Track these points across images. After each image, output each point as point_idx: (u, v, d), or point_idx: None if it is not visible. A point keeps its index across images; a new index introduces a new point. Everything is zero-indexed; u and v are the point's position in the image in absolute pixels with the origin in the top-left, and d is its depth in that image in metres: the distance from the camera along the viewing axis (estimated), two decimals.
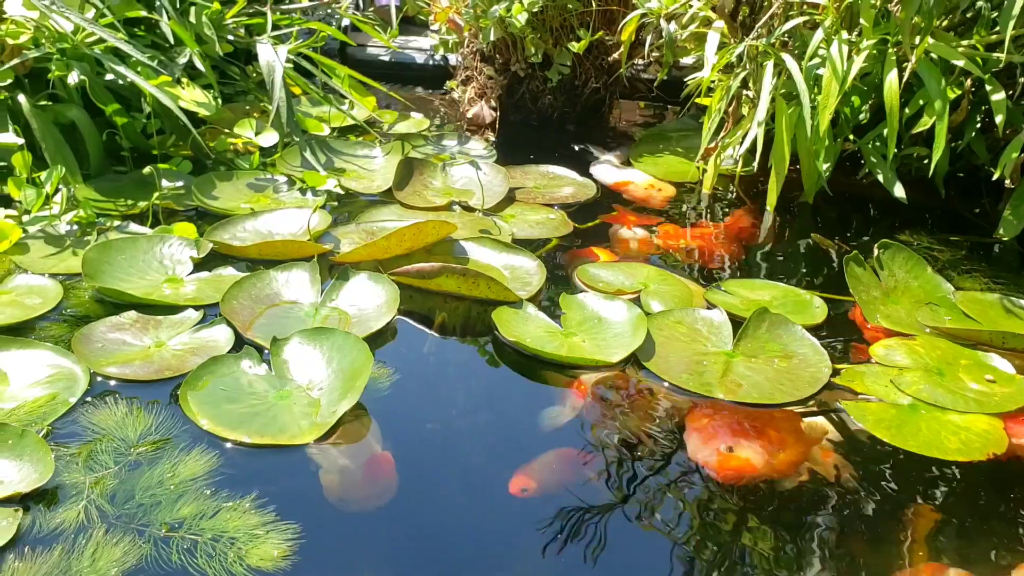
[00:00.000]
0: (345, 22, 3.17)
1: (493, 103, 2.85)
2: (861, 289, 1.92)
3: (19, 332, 1.64)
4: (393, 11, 3.23)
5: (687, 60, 2.96)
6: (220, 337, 1.66)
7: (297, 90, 2.74)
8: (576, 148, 2.73)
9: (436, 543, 1.27)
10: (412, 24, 3.55)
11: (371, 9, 3.29)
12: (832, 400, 1.59)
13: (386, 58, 3.27)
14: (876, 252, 2.01)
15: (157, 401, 1.48)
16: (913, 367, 1.66)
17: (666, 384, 1.61)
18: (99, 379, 1.52)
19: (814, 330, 1.79)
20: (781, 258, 2.20)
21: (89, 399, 1.47)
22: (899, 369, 1.65)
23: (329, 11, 3.05)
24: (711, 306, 1.86)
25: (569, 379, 1.62)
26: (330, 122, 2.69)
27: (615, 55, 2.61)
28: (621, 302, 1.81)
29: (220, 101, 2.41)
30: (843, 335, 1.83)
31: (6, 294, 1.75)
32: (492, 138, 2.79)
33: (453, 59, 3.11)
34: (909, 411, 1.54)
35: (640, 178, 2.53)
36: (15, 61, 2.03)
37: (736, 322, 1.78)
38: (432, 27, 3.09)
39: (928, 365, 1.67)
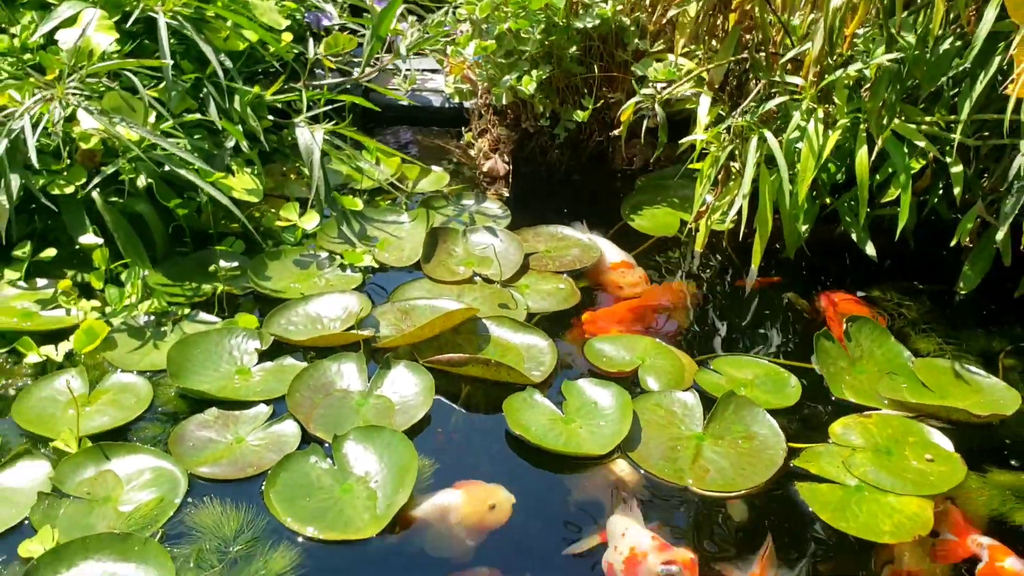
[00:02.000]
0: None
1: (506, 157, 3.14)
2: (829, 362, 2.22)
3: (122, 434, 1.99)
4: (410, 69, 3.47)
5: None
6: (289, 431, 2.00)
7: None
8: (577, 206, 3.00)
9: None
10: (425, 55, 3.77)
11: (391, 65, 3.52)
12: (788, 482, 1.90)
13: (404, 102, 3.53)
14: (845, 326, 2.31)
15: (244, 501, 1.82)
16: (865, 447, 1.96)
17: (642, 471, 1.91)
18: (195, 480, 1.87)
19: (788, 411, 2.09)
20: (766, 324, 2.50)
21: (190, 500, 1.82)
22: (852, 449, 1.96)
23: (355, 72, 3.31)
24: (698, 388, 2.16)
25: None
26: (361, 183, 2.98)
27: (616, 131, 2.88)
28: (612, 389, 2.10)
29: (263, 178, 2.71)
30: (816, 408, 2.13)
31: (105, 393, 2.09)
32: (506, 193, 3.08)
33: (468, 104, 3.37)
34: (854, 492, 1.85)
35: (621, 256, 2.71)
36: (97, 179, 2.34)
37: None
38: (447, 77, 3.34)
39: (879, 444, 1.96)
